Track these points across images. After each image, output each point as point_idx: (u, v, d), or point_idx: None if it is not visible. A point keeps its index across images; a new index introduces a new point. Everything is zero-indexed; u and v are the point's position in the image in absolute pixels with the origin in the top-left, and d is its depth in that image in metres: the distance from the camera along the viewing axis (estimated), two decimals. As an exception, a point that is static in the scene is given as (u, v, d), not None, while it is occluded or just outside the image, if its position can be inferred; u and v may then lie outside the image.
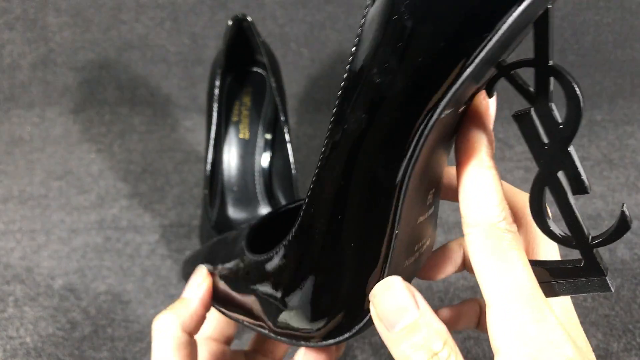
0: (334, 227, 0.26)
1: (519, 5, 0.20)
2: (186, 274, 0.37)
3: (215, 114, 0.56)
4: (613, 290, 0.24)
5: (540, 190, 0.24)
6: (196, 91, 0.75)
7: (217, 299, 0.34)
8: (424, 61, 0.21)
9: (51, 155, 0.69)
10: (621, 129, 0.73)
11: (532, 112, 0.23)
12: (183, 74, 0.75)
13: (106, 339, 0.50)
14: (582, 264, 0.24)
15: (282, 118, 0.55)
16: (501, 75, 0.24)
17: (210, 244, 0.39)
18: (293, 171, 0.54)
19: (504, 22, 0.20)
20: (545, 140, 0.23)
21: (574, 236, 0.24)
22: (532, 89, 0.23)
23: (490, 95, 0.25)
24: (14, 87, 0.75)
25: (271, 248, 0.30)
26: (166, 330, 0.31)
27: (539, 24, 0.22)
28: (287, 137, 0.55)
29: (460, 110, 0.25)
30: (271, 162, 0.60)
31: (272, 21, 0.75)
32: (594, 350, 0.26)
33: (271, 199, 0.59)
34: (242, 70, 0.61)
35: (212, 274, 0.34)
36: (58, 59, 0.75)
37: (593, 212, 0.63)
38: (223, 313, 0.34)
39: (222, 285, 0.34)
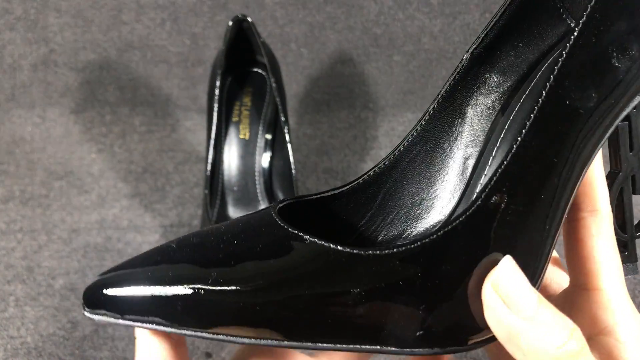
0: (535, 206, 0.26)
1: None
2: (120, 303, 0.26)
3: (215, 114, 0.56)
4: None
5: (618, 189, 0.30)
6: (197, 91, 0.75)
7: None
8: None
9: (52, 155, 0.69)
10: (621, 129, 0.74)
11: (625, 127, 0.29)
12: (183, 74, 0.76)
13: (107, 338, 0.51)
14: (626, 252, 0.31)
15: (282, 118, 0.56)
16: None
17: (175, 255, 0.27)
18: (293, 171, 0.54)
19: None
20: (628, 149, 0.30)
21: (628, 227, 0.31)
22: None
23: None
24: (14, 88, 0.75)
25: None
26: None
27: None
28: (287, 137, 0.55)
29: None
30: (271, 162, 0.60)
31: (272, 22, 0.75)
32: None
33: (271, 199, 0.59)
34: (243, 71, 0.61)
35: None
36: (59, 60, 0.75)
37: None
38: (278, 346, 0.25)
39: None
